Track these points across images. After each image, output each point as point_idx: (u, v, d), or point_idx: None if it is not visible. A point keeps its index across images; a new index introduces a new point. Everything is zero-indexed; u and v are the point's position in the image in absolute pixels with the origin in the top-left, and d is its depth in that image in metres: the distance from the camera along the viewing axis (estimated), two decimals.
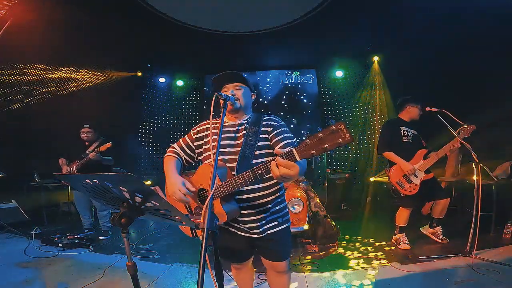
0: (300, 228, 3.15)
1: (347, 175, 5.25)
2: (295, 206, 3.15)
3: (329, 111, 6.92)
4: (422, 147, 3.18)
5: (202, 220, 0.98)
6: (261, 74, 7.17)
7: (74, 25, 4.32)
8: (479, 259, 2.63)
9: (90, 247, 3.40)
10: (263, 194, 1.46)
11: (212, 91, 1.39)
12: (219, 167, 1.37)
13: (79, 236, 3.58)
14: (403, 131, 3.20)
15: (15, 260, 2.99)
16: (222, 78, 1.53)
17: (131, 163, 6.53)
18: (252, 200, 1.44)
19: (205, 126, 1.63)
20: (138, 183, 0.97)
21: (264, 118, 1.54)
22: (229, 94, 1.43)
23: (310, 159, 5.60)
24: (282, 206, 1.57)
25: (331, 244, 3.36)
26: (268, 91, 7.11)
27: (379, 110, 6.40)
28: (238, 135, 1.51)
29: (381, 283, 2.41)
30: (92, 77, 5.83)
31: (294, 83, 7.09)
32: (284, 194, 1.63)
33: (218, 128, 1.26)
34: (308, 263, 2.88)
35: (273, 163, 1.09)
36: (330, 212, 3.90)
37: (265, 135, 1.48)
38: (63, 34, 4.27)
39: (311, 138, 1.00)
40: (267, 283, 1.75)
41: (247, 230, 1.46)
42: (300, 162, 1.09)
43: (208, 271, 1.00)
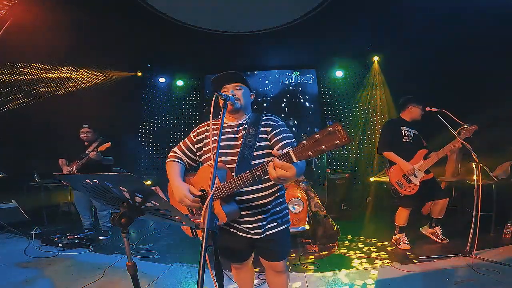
0: (300, 228, 3.15)
1: (347, 175, 5.25)
2: (295, 206, 3.15)
3: (329, 111, 6.91)
4: (423, 147, 3.18)
5: (202, 220, 0.98)
6: (261, 74, 7.17)
7: (74, 25, 4.32)
8: (479, 259, 2.63)
9: (90, 247, 3.40)
10: (263, 195, 1.46)
11: (211, 91, 1.39)
12: (219, 168, 1.37)
13: (79, 236, 3.57)
14: (404, 131, 3.20)
15: (15, 260, 2.99)
16: (221, 79, 1.52)
17: (131, 163, 6.53)
18: (252, 201, 1.44)
19: (204, 127, 1.62)
20: (138, 183, 0.97)
21: (263, 118, 1.53)
22: (229, 94, 1.42)
23: (309, 160, 5.63)
24: (283, 207, 1.57)
25: (331, 244, 3.36)
26: (268, 91, 7.10)
27: (379, 110, 6.39)
28: (237, 136, 1.51)
29: (381, 283, 2.41)
30: (92, 77, 5.83)
31: (294, 83, 7.09)
32: (284, 194, 1.62)
33: (218, 129, 1.25)
34: (308, 263, 2.88)
35: (270, 164, 1.08)
36: (330, 212, 3.90)
37: (264, 135, 1.48)
38: (63, 34, 4.26)
39: (308, 139, 0.99)
40: (267, 283, 1.75)
41: (247, 230, 1.46)
42: (298, 164, 1.08)
43: (208, 271, 1.00)
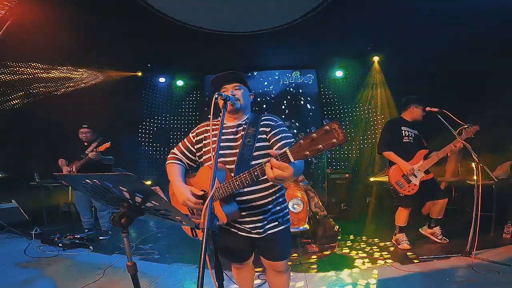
0: (300, 228, 3.15)
1: (347, 175, 5.25)
2: (295, 206, 3.16)
3: (329, 111, 6.91)
4: (423, 147, 3.18)
5: (202, 220, 0.98)
6: (261, 74, 7.17)
7: (74, 25, 4.31)
8: (479, 259, 2.63)
9: (90, 247, 3.40)
10: (263, 195, 1.46)
11: (211, 91, 1.38)
12: (218, 169, 1.37)
13: (79, 236, 3.57)
14: (404, 131, 3.20)
15: (15, 260, 2.99)
16: (221, 79, 1.51)
17: (131, 163, 6.53)
18: (253, 201, 1.44)
19: (203, 128, 1.61)
20: (138, 183, 0.97)
21: (263, 118, 1.53)
22: (228, 94, 1.42)
23: (309, 160, 5.63)
24: (283, 206, 1.57)
25: (331, 244, 3.36)
26: (268, 91, 7.10)
27: (379, 110, 6.39)
28: (237, 136, 1.50)
29: (381, 283, 2.41)
30: (92, 77, 5.83)
31: (294, 83, 7.09)
32: (285, 194, 1.62)
33: (218, 130, 1.25)
34: (308, 263, 2.88)
35: (267, 165, 1.08)
36: (330, 212, 3.90)
37: (263, 136, 1.47)
38: (63, 34, 4.25)
39: (305, 138, 0.98)
40: (267, 283, 1.75)
41: (248, 230, 1.46)
42: (295, 163, 1.07)
43: (208, 271, 1.00)
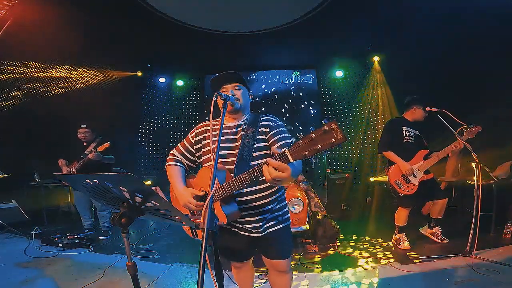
0: (300, 228, 3.15)
1: (347, 175, 5.25)
2: (295, 206, 3.16)
3: (329, 111, 6.91)
4: (424, 148, 3.18)
5: (202, 220, 0.98)
6: (261, 74, 7.17)
7: (74, 25, 4.31)
8: (479, 259, 2.63)
9: (90, 247, 3.40)
10: (263, 195, 1.46)
11: (211, 91, 1.38)
12: (218, 170, 1.37)
13: (79, 236, 3.57)
14: (405, 131, 3.19)
15: (15, 260, 2.99)
16: (220, 79, 1.51)
17: (131, 163, 6.53)
18: (253, 201, 1.44)
19: (203, 128, 1.61)
20: (138, 183, 0.96)
21: (262, 119, 1.52)
22: (228, 94, 1.42)
23: (309, 159, 5.63)
24: (282, 205, 1.57)
25: (331, 244, 3.36)
26: (268, 91, 7.10)
27: (379, 110, 6.39)
28: (236, 137, 1.50)
29: (381, 283, 2.41)
30: (92, 77, 5.83)
31: (294, 83, 7.09)
32: (284, 194, 1.62)
33: (217, 130, 1.24)
34: (308, 263, 2.88)
35: (265, 166, 1.06)
36: (330, 212, 3.90)
37: (262, 136, 1.47)
38: (63, 34, 4.26)
39: (304, 138, 0.98)
40: (269, 284, 1.74)
41: (249, 230, 1.46)
42: (294, 164, 1.06)
43: (208, 271, 1.00)
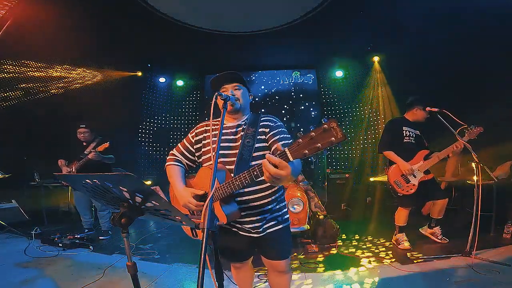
0: (300, 228, 3.15)
1: (347, 175, 5.25)
2: (295, 206, 3.16)
3: (329, 111, 6.91)
4: (424, 148, 3.18)
5: (202, 220, 0.98)
6: (261, 74, 7.17)
7: (74, 25, 4.32)
8: (479, 259, 2.63)
9: (90, 247, 3.40)
10: (263, 195, 1.46)
11: (211, 91, 1.38)
12: (218, 170, 1.37)
13: (79, 236, 3.57)
14: (406, 131, 3.19)
15: (15, 260, 2.99)
16: (220, 79, 1.51)
17: (131, 163, 6.53)
18: (252, 201, 1.44)
19: (203, 128, 1.61)
20: (138, 183, 0.97)
21: (262, 119, 1.53)
22: (228, 94, 1.42)
23: (309, 159, 5.63)
24: (282, 206, 1.57)
25: (331, 244, 3.36)
26: (267, 91, 7.11)
27: (379, 110, 6.39)
28: (236, 137, 1.50)
29: (381, 283, 2.41)
30: (92, 77, 5.83)
31: (294, 83, 7.09)
32: (284, 194, 1.62)
33: (217, 130, 1.24)
34: (308, 263, 2.88)
35: (264, 162, 1.03)
36: (330, 212, 3.90)
37: (262, 136, 1.47)
38: (63, 34, 4.26)
39: (303, 137, 0.98)
40: (268, 284, 1.75)
41: (248, 230, 1.46)
42: (293, 163, 1.06)
43: (208, 271, 1.00)
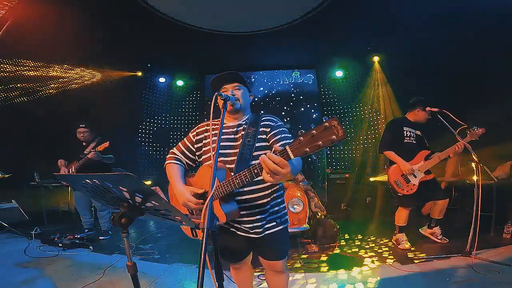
0: (300, 228, 3.15)
1: (347, 175, 5.26)
2: (295, 206, 3.15)
3: (329, 111, 6.91)
4: (425, 148, 3.17)
5: (202, 220, 0.98)
6: (261, 74, 7.17)
7: (74, 25, 4.32)
8: (479, 259, 2.63)
9: (90, 247, 3.40)
10: (262, 194, 1.46)
11: (211, 91, 1.39)
12: (218, 168, 1.37)
13: (79, 236, 3.57)
14: (406, 131, 3.19)
15: (15, 260, 2.99)
16: (221, 79, 1.52)
17: (131, 163, 6.53)
18: (252, 201, 1.44)
19: (204, 127, 1.62)
20: (138, 183, 0.96)
21: (262, 119, 1.53)
22: (228, 94, 1.43)
23: (309, 159, 5.63)
24: (281, 207, 1.57)
25: (331, 244, 3.36)
26: (267, 91, 7.10)
27: (379, 110, 6.39)
28: (237, 136, 1.51)
29: (381, 283, 2.41)
30: (92, 77, 5.83)
31: (294, 83, 7.09)
32: (283, 195, 1.63)
33: (218, 129, 1.25)
34: (308, 263, 2.88)
35: (263, 157, 1.03)
36: (330, 212, 3.90)
37: (263, 136, 1.48)
38: (63, 34, 4.26)
39: (305, 135, 0.98)
40: (266, 284, 1.75)
41: (247, 230, 1.46)
42: (293, 162, 1.06)
43: (208, 271, 1.00)
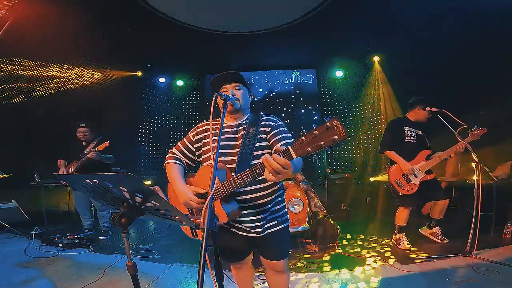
0: (300, 228, 3.14)
1: (347, 175, 5.26)
2: (295, 206, 3.15)
3: (329, 111, 6.91)
4: (426, 148, 3.17)
5: (202, 220, 0.98)
6: (261, 74, 7.17)
7: (74, 25, 4.32)
8: (479, 259, 2.63)
9: (90, 247, 3.40)
10: (263, 194, 1.46)
11: (211, 91, 1.39)
12: (218, 169, 1.37)
13: (79, 236, 3.57)
14: (407, 131, 3.18)
15: (15, 260, 2.99)
16: (220, 79, 1.52)
17: (131, 163, 6.53)
18: (253, 200, 1.44)
19: (203, 127, 1.62)
20: (138, 183, 0.96)
21: (262, 118, 1.54)
22: (228, 94, 1.43)
23: (309, 159, 5.62)
24: (282, 206, 1.57)
25: (331, 244, 3.36)
26: (267, 91, 7.10)
27: (379, 110, 6.39)
28: (237, 136, 1.51)
29: (381, 283, 2.41)
30: (92, 77, 5.83)
31: (294, 83, 7.09)
32: (284, 194, 1.63)
33: (218, 129, 1.25)
34: (308, 263, 2.88)
35: (266, 156, 1.04)
36: (330, 212, 3.90)
37: (263, 135, 1.48)
38: (63, 34, 4.27)
39: (307, 135, 0.99)
40: (267, 284, 1.75)
41: (247, 229, 1.47)
42: (294, 162, 1.07)
43: (208, 271, 1.00)
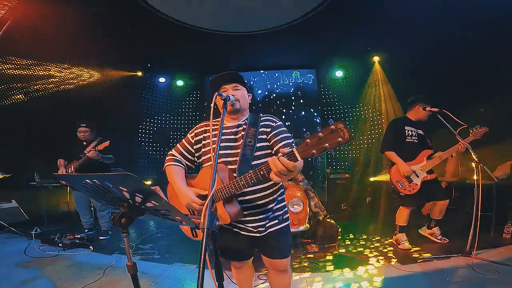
0: (300, 228, 3.14)
1: (347, 175, 5.26)
2: (295, 206, 3.15)
3: (329, 111, 6.91)
4: (428, 148, 3.17)
5: (202, 220, 0.98)
6: (261, 75, 7.17)
7: (74, 24, 4.32)
8: (479, 259, 2.63)
9: (90, 247, 3.40)
10: (264, 194, 1.46)
11: (210, 92, 1.39)
12: (220, 170, 1.37)
13: (79, 236, 3.57)
14: (408, 131, 3.17)
15: (15, 260, 2.99)
16: (220, 79, 1.52)
17: (131, 163, 6.53)
18: (254, 200, 1.45)
19: (202, 128, 1.61)
20: (138, 183, 0.96)
21: (262, 119, 1.53)
22: (228, 94, 1.42)
23: (310, 160, 5.63)
24: (283, 205, 1.58)
25: (331, 244, 3.36)
26: (267, 91, 7.10)
27: (379, 110, 6.39)
28: (237, 137, 1.51)
29: (381, 283, 2.41)
30: (92, 76, 5.84)
31: (294, 83, 7.09)
32: (284, 193, 1.63)
33: (217, 130, 1.25)
34: (308, 263, 2.88)
35: (274, 158, 1.08)
36: (330, 212, 3.90)
37: (263, 136, 1.48)
38: (63, 34, 4.27)
39: (311, 138, 1.01)
40: (268, 283, 1.75)
41: (250, 229, 1.47)
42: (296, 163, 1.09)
43: (208, 271, 1.00)
